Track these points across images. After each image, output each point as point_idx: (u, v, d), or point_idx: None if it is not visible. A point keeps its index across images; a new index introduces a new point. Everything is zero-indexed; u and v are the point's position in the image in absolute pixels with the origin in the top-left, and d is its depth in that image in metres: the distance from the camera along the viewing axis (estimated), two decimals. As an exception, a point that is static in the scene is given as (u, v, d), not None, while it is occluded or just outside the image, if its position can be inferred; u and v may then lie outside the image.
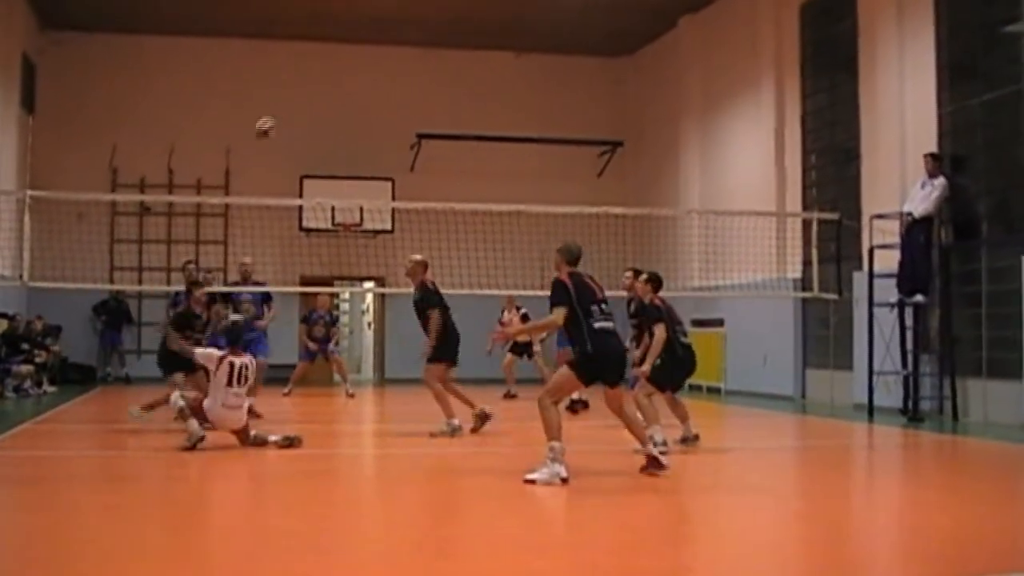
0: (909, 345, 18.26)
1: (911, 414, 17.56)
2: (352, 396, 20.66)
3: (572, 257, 10.90)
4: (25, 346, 21.95)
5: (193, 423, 12.35)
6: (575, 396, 17.45)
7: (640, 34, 28.63)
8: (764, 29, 23.59)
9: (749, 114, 24.38)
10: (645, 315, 13.23)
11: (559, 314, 10.42)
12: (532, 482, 9.83)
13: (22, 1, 24.96)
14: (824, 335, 21.77)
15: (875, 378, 18.34)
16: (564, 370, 10.53)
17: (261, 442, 12.41)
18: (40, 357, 22.26)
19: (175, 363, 14.48)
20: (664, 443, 12.15)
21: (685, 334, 13.22)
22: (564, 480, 9.80)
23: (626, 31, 28.27)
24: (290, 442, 12.43)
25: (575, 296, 10.40)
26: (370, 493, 10.36)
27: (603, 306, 10.50)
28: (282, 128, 28.06)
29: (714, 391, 24.16)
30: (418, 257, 15.09)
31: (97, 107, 27.66)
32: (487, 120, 28.79)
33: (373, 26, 27.57)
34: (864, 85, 20.24)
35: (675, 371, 13.09)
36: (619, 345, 10.64)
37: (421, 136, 28.14)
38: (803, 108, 22.76)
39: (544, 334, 19.40)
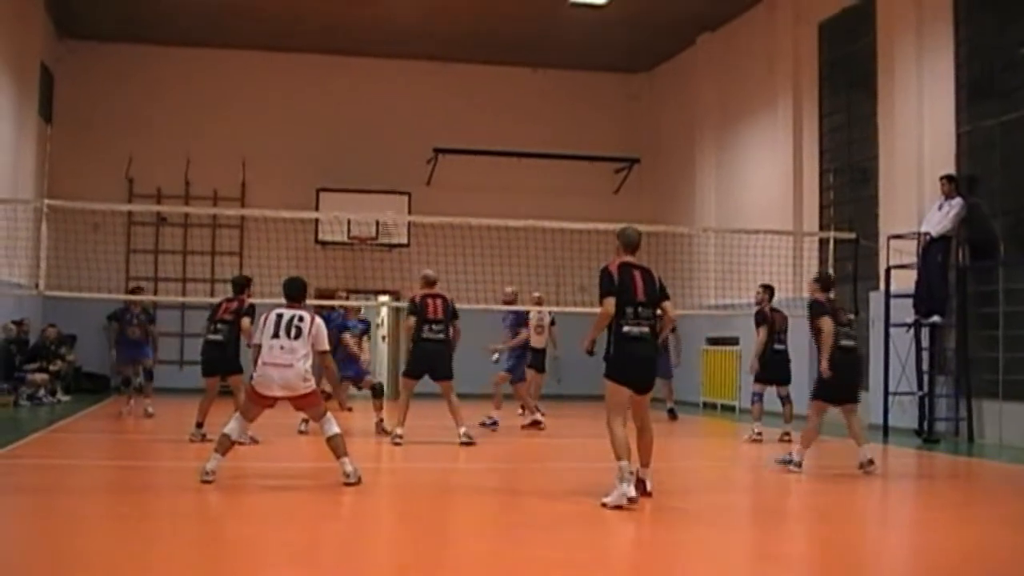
0: (925, 366, 18.20)
1: (926, 435, 17.49)
2: (350, 410, 20.31)
3: (628, 242, 10.44)
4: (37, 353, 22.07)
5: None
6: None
7: (657, 51, 28.65)
8: (782, 47, 23.56)
9: (766, 132, 24.35)
10: (809, 312, 13.09)
11: (609, 304, 9.99)
12: (605, 505, 9.54)
13: (41, 10, 25.02)
14: (839, 355, 21.66)
15: (891, 399, 18.29)
16: (606, 383, 10.13)
17: (336, 445, 10.79)
18: (54, 366, 22.30)
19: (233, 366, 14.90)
20: (800, 464, 12.48)
21: (849, 336, 12.82)
22: (631, 500, 9.52)
23: (643, 48, 28.28)
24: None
25: (617, 292, 10.02)
26: (380, 509, 10.32)
27: (640, 309, 10.01)
28: (299, 140, 28.30)
29: (728, 409, 24.09)
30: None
31: (114, 117, 27.73)
32: (504, 135, 28.81)
33: (391, 39, 27.60)
34: (882, 104, 20.20)
35: (838, 379, 12.65)
36: (646, 351, 10.07)
37: (438, 150, 28.18)
38: (820, 127, 22.71)
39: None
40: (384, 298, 28.14)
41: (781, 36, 23.61)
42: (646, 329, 10.05)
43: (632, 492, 9.54)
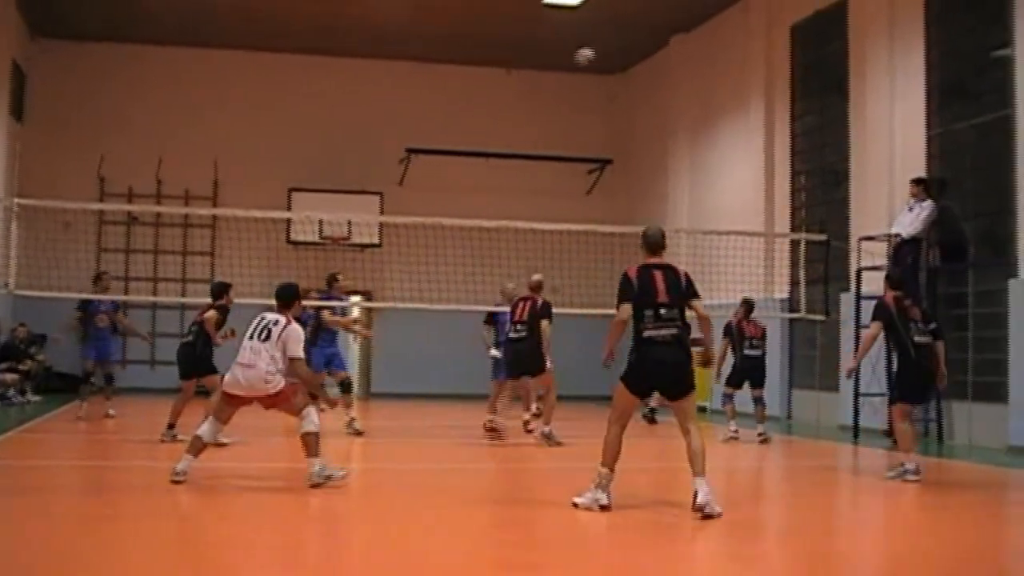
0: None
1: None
2: (323, 410, 20.11)
3: (648, 243, 10.03)
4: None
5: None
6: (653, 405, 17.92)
7: (631, 52, 28.68)
8: (755, 49, 23.64)
9: (739, 134, 24.42)
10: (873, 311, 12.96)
11: (623, 311, 9.59)
12: (576, 505, 9.46)
13: (13, 9, 24.90)
14: (811, 356, 21.76)
15: (861, 400, 18.34)
16: (618, 384, 9.78)
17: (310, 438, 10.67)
18: (24, 365, 22.19)
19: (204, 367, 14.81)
20: (916, 471, 12.07)
21: (923, 331, 12.41)
22: (603, 507, 9.34)
23: (617, 49, 28.28)
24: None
25: (636, 295, 9.61)
26: (353, 509, 10.28)
27: (662, 311, 9.53)
28: (271, 140, 28.23)
29: (700, 410, 24.08)
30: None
31: (86, 116, 27.62)
32: (477, 136, 28.82)
33: (364, 40, 27.58)
34: (854, 107, 20.30)
35: (916, 378, 12.42)
36: (669, 355, 9.53)
37: (411, 151, 28.15)
38: (793, 129, 22.81)
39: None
40: (356, 298, 28.08)
41: (754, 38, 23.69)
42: (670, 332, 9.55)
43: (605, 500, 9.38)
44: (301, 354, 10.91)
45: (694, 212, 26.07)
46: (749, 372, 17.39)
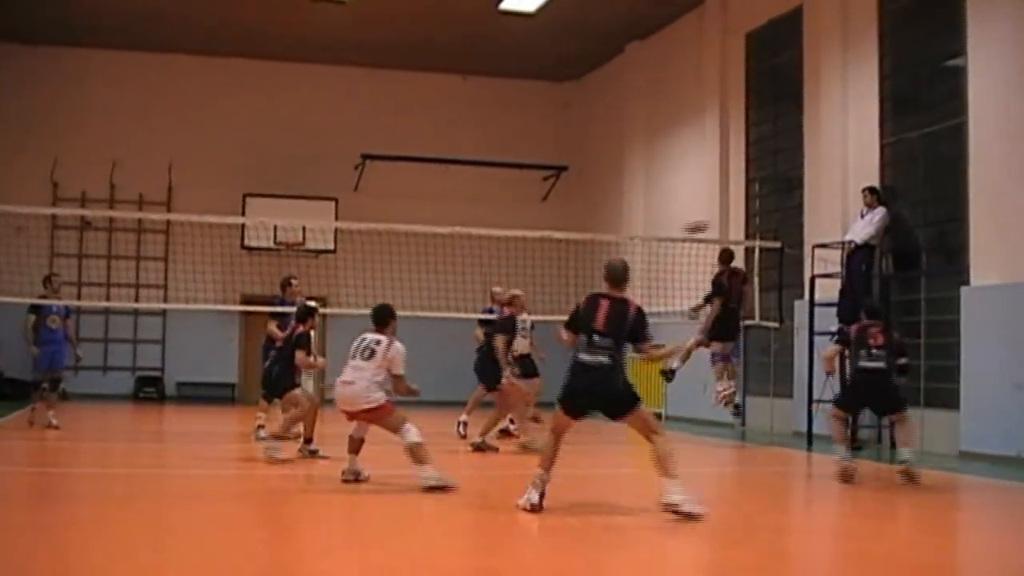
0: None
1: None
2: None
3: (608, 275, 10.22)
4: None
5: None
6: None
7: (587, 59, 28.75)
8: (710, 57, 23.74)
9: (694, 141, 24.49)
10: None
11: (563, 332, 10.23)
12: (518, 506, 9.68)
13: (-37, 12, 24.71)
14: (765, 363, 21.83)
15: (814, 406, 18.39)
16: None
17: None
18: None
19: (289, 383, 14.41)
20: (842, 459, 13.02)
21: (875, 357, 13.16)
22: (532, 507, 9.57)
23: (573, 56, 28.37)
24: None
25: (580, 320, 9.95)
26: (307, 518, 10.23)
27: (595, 337, 9.75)
28: (226, 145, 28.11)
29: (655, 416, 24.14)
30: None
31: (39, 120, 27.42)
32: (433, 142, 28.80)
33: (320, 45, 27.52)
34: (808, 115, 20.41)
35: (851, 393, 14.10)
36: (595, 379, 9.76)
37: (366, 156, 28.09)
38: (747, 136, 22.90)
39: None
40: (311, 304, 27.92)
41: (709, 46, 23.79)
42: (600, 359, 9.74)
43: (535, 499, 9.61)
44: (402, 372, 11.62)
45: (649, 219, 26.12)
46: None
